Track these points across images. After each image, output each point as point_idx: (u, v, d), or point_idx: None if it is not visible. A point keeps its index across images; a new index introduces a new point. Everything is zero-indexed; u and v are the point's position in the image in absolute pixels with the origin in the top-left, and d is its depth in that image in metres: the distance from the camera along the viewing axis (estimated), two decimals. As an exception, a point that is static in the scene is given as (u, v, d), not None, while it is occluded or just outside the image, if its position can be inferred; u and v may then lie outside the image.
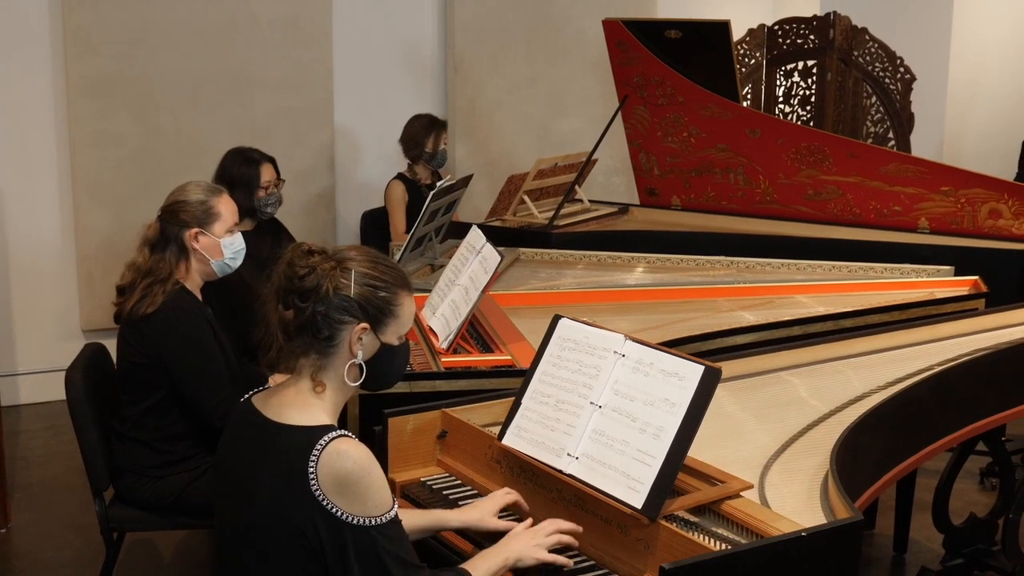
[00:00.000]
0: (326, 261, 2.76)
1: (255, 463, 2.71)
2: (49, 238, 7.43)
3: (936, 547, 5.11)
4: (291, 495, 2.60)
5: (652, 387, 2.89)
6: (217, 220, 4.26)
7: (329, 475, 2.58)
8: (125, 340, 4.22)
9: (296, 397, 2.75)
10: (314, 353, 2.75)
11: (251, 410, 2.80)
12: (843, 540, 2.67)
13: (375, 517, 2.61)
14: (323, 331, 2.72)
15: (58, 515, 5.75)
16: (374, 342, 2.79)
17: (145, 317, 4.10)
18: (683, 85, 7.26)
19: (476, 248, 4.57)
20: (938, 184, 6.59)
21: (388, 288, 2.78)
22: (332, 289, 2.71)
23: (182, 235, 4.21)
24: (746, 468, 3.19)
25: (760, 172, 7.22)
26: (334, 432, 2.64)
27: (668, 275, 5.78)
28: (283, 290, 2.75)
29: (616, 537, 2.83)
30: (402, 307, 2.83)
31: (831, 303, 5.14)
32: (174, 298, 4.14)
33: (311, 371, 2.76)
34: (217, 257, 4.27)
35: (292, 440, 2.65)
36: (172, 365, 4.13)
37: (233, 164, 5.77)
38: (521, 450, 3.09)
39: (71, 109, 7.29)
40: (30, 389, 7.43)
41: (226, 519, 2.82)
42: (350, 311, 2.73)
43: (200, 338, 4.18)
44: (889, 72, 8.81)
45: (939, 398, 3.93)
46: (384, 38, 8.43)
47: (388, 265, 2.83)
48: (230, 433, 2.87)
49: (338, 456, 2.59)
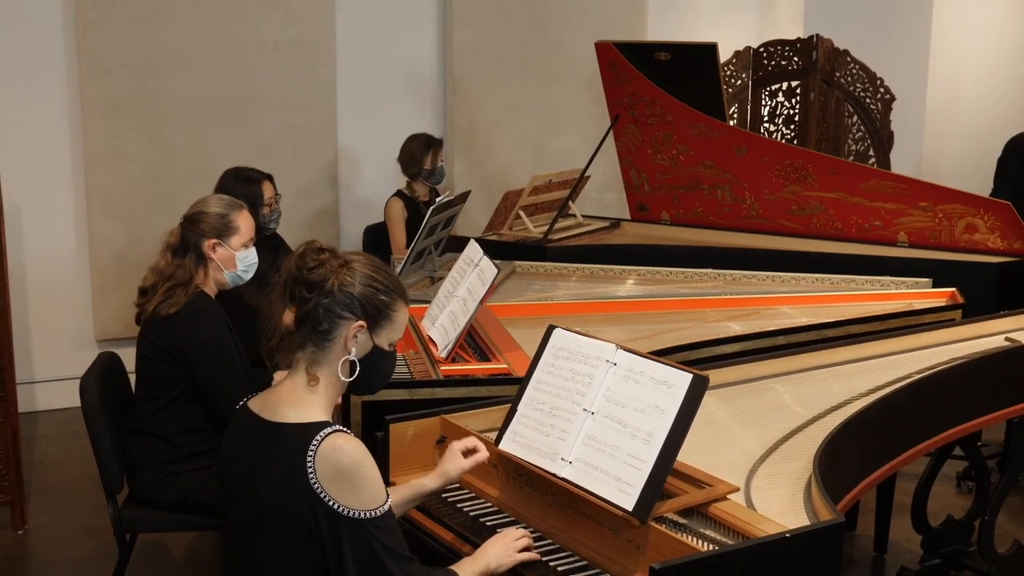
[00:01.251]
0: (334, 259, 2.81)
1: (256, 463, 2.73)
2: (64, 252, 7.44)
3: (915, 548, 5.12)
4: (292, 489, 2.63)
5: (643, 394, 2.90)
6: (235, 233, 4.33)
7: (326, 468, 2.62)
8: (146, 339, 4.26)
9: (291, 393, 2.78)
10: (311, 346, 2.79)
11: (248, 414, 2.82)
12: (826, 541, 2.68)
13: (369, 510, 2.64)
14: (322, 324, 2.76)
15: (73, 517, 5.75)
16: (368, 342, 2.82)
17: (168, 317, 4.15)
18: (672, 105, 7.26)
19: (474, 261, 4.57)
20: (917, 200, 6.60)
21: (388, 293, 2.82)
22: (337, 284, 2.76)
23: (201, 244, 4.27)
24: (733, 472, 3.20)
25: (746, 188, 7.23)
26: (329, 428, 2.67)
27: (658, 287, 5.79)
28: (291, 280, 2.79)
29: (608, 538, 2.84)
30: (398, 313, 2.86)
31: (814, 314, 5.15)
32: (195, 300, 4.20)
33: (306, 364, 2.79)
34: (231, 268, 4.33)
35: (290, 437, 2.68)
36: (195, 363, 4.17)
37: (234, 184, 5.70)
38: (517, 455, 3.09)
39: (85, 128, 7.30)
40: (46, 396, 7.43)
41: (233, 518, 2.83)
42: (351, 308, 2.77)
43: (221, 337, 4.23)
44: (870, 92, 8.82)
45: (918, 405, 3.93)
46: (386, 60, 8.44)
47: (390, 274, 2.88)
48: (230, 438, 2.89)
49: (334, 450, 2.63)
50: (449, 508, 3.22)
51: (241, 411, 2.87)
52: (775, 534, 2.63)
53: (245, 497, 2.76)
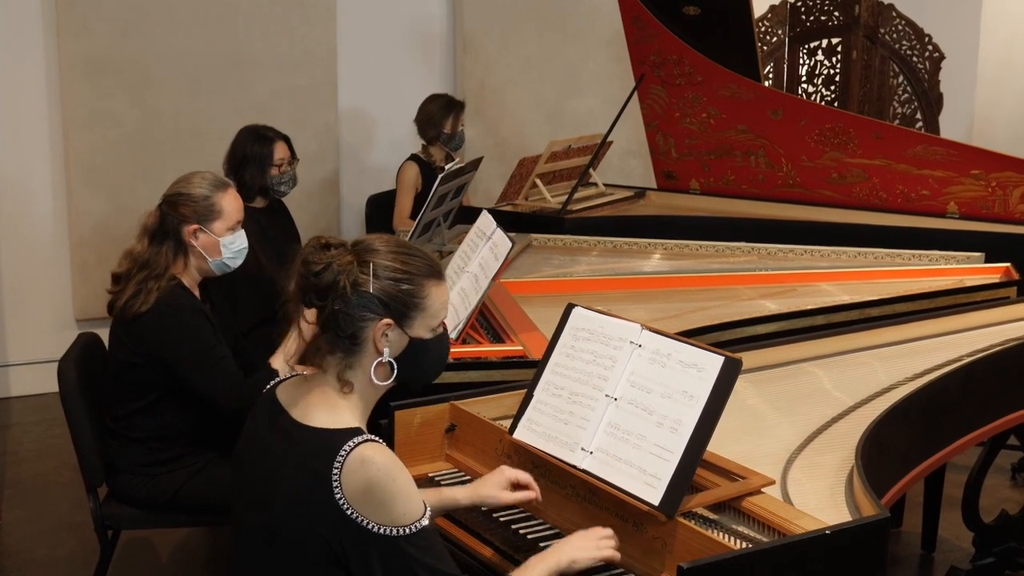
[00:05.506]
0: (344, 255, 2.70)
1: (277, 465, 2.67)
2: (41, 223, 7.44)
3: (966, 545, 5.11)
4: (314, 502, 2.57)
5: (670, 379, 2.89)
6: (219, 218, 4.22)
7: (353, 483, 2.55)
8: (118, 338, 4.23)
9: (322, 396, 2.72)
10: (340, 352, 2.71)
11: (276, 406, 2.78)
12: (869, 538, 2.67)
13: (403, 527, 2.57)
14: (345, 329, 2.68)
15: (51, 512, 5.76)
16: (401, 338, 2.74)
17: (138, 316, 4.09)
18: (702, 64, 7.24)
19: (486, 234, 4.56)
20: (968, 167, 6.57)
21: (411, 280, 2.73)
22: (350, 285, 2.66)
23: (181, 230, 4.18)
24: (768, 463, 3.19)
25: (782, 155, 7.21)
26: (360, 437, 2.60)
27: (686, 262, 5.78)
28: (302, 287, 2.71)
29: (632, 535, 2.83)
30: (429, 298, 2.76)
31: (856, 291, 5.14)
32: (168, 295, 4.11)
33: (337, 370, 2.72)
34: (215, 256, 4.24)
35: (316, 444, 2.62)
36: (174, 362, 4.11)
37: (246, 142, 5.90)
38: (533, 444, 3.09)
39: (64, 89, 7.30)
40: (21, 381, 7.45)
41: (245, 519, 2.79)
42: (371, 308, 2.68)
43: (196, 328, 4.15)
44: (917, 50, 8.80)
45: (969, 390, 3.92)
46: (390, 16, 8.43)
47: (413, 255, 2.77)
48: (253, 427, 2.85)
49: (362, 463, 2.56)
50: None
51: (268, 399, 2.83)
52: (814, 531, 2.62)
53: (258, 498, 2.72)
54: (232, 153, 5.88)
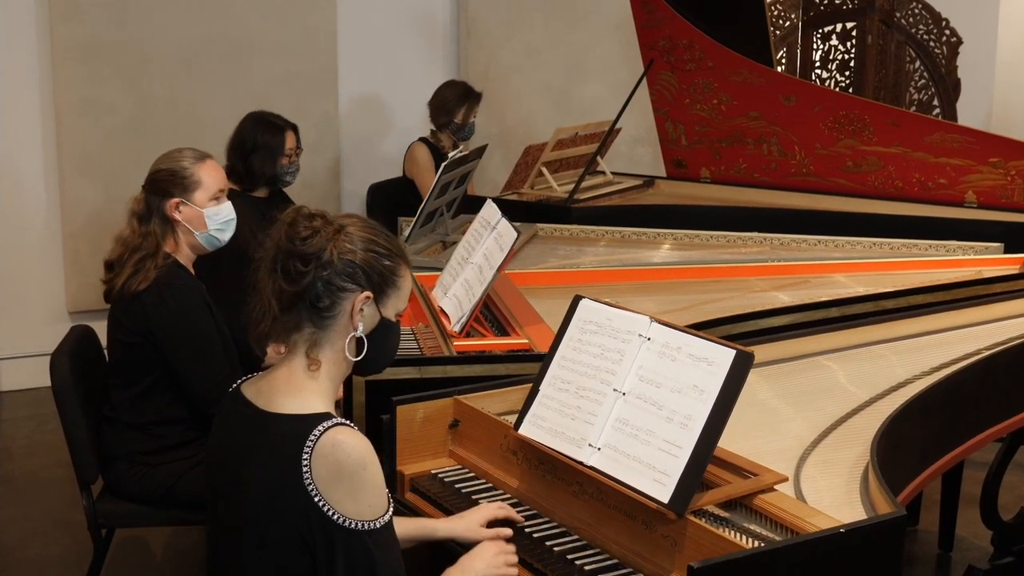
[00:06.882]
0: (329, 225, 2.74)
1: (247, 458, 2.69)
2: (33, 213, 7.44)
3: (984, 544, 5.10)
4: (285, 489, 2.58)
5: (680, 373, 2.89)
6: (198, 188, 4.24)
7: (323, 467, 2.56)
8: (116, 319, 4.23)
9: (288, 380, 2.73)
10: (310, 326, 2.73)
11: (241, 400, 2.78)
12: (884, 537, 2.66)
13: (369, 521, 2.59)
14: (323, 299, 2.69)
15: (43, 510, 5.76)
16: (374, 314, 2.77)
17: (136, 294, 4.10)
18: (713, 49, 7.24)
19: (491, 224, 4.56)
20: (986, 155, 6.57)
21: (392, 257, 2.78)
22: (336, 253, 2.69)
23: (163, 206, 4.21)
24: (780, 460, 3.19)
25: (795, 142, 7.21)
26: (331, 420, 2.62)
27: (696, 253, 5.79)
28: (283, 253, 2.71)
29: (641, 534, 2.83)
30: (403, 279, 2.83)
31: (871, 283, 5.13)
32: (167, 273, 4.14)
33: (306, 347, 2.73)
34: (201, 229, 4.26)
35: (285, 430, 2.64)
36: (164, 343, 4.13)
37: (255, 129, 5.89)
38: (539, 440, 3.08)
39: (57, 75, 7.29)
40: (13, 375, 7.45)
41: (219, 516, 2.81)
42: (354, 278, 2.71)
43: (193, 314, 4.18)
44: (934, 35, 8.78)
45: (987, 384, 3.92)
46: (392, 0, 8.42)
47: (389, 236, 2.83)
48: (219, 426, 2.86)
49: (333, 447, 2.57)
50: (463, 500, 3.21)
51: (233, 396, 2.84)
52: (828, 529, 2.62)
53: (232, 495, 2.73)
54: (240, 141, 5.86)
